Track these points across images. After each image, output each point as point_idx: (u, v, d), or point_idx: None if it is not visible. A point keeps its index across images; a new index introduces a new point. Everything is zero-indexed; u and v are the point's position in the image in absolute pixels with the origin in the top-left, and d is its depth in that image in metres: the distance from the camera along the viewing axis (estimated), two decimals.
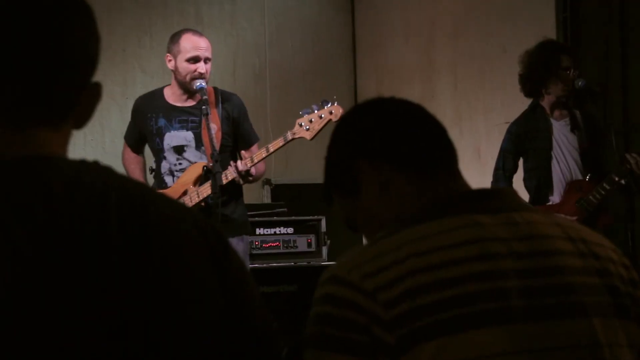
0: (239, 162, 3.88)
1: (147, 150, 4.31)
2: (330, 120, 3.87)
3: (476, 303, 1.18)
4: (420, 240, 1.22)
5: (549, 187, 4.25)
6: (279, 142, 3.92)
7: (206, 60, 4.01)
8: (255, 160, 3.89)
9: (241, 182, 3.90)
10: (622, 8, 5.05)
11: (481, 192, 1.35)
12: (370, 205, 1.36)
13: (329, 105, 3.91)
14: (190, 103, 4.05)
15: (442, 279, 1.18)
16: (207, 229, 1.07)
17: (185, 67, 3.99)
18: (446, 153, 1.38)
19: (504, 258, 1.22)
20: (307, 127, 3.90)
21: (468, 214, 1.27)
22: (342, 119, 1.45)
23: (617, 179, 4.02)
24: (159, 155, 4.08)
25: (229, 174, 3.88)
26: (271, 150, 3.91)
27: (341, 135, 1.42)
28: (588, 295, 1.25)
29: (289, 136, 3.92)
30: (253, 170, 3.91)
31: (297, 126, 3.93)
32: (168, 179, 4.05)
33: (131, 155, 4.26)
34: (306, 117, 3.92)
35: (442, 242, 1.22)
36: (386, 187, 1.34)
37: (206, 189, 3.86)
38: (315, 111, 3.91)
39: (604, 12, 5.09)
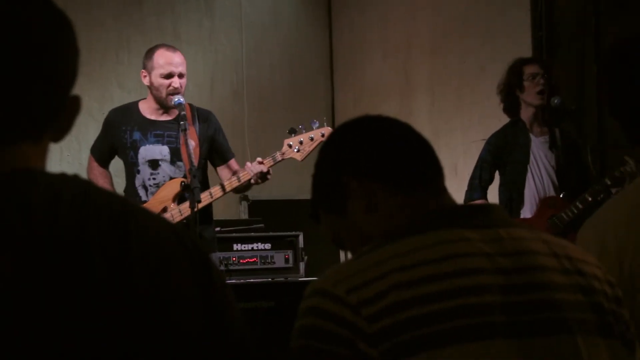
0: (255, 164, 3.88)
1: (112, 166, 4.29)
2: (321, 142, 3.86)
3: (459, 318, 1.18)
4: (405, 254, 1.23)
5: (520, 201, 4.28)
6: (269, 162, 3.92)
7: (180, 75, 4.01)
8: (270, 164, 3.92)
9: (259, 182, 3.91)
10: (598, 27, 5.11)
11: (467, 207, 1.36)
12: (357, 221, 1.36)
13: (318, 125, 3.91)
14: (167, 117, 4.05)
15: (426, 294, 1.18)
16: (188, 243, 1.06)
17: (159, 83, 4.00)
18: (432, 170, 1.39)
19: (488, 273, 1.23)
20: (297, 148, 3.91)
21: (453, 229, 1.28)
22: (330, 136, 1.47)
23: (590, 199, 4.06)
24: (132, 169, 4.06)
25: (229, 186, 3.89)
26: (266, 166, 3.92)
27: (328, 153, 1.43)
28: (572, 312, 1.25)
29: (278, 157, 3.94)
30: (271, 170, 3.92)
31: (285, 147, 3.95)
32: (142, 192, 4.04)
33: (99, 170, 4.21)
34: (295, 138, 3.93)
35: (426, 256, 1.22)
36: (372, 204, 1.35)
37: (188, 208, 3.85)
38: (304, 132, 3.92)
39: (579, 31, 5.16)
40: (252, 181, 3.91)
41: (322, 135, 3.88)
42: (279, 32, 6.90)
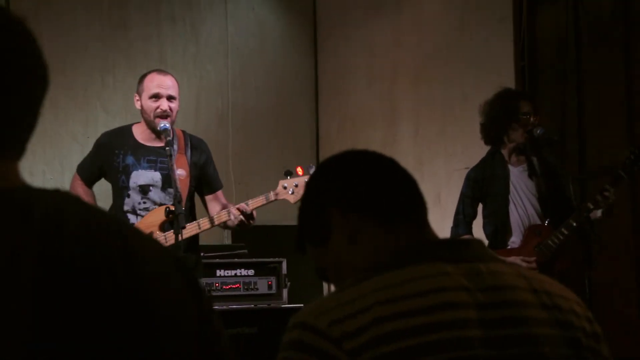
0: (239, 206, 3.91)
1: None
2: None
3: (440, 352, 1.19)
4: (386, 288, 1.24)
5: (506, 232, 4.29)
6: (261, 200, 3.95)
7: (170, 98, 4.02)
8: (251, 207, 3.93)
9: (234, 225, 3.94)
10: (578, 57, 5.17)
11: (448, 241, 1.37)
12: (340, 254, 1.38)
13: (314, 170, 3.93)
14: (159, 143, 4.05)
15: (406, 328, 1.19)
16: (182, 265, 1.07)
17: (148, 105, 4.01)
18: (415, 204, 1.41)
19: (468, 308, 1.24)
20: (292, 190, 3.94)
21: (434, 263, 1.29)
22: (315, 170, 1.49)
23: (575, 224, 4.09)
24: (123, 193, 4.05)
25: (218, 219, 3.91)
26: (251, 207, 3.93)
27: (314, 186, 1.46)
28: (549, 346, 1.27)
29: (272, 197, 3.97)
30: (255, 213, 3.94)
31: (280, 187, 3.97)
32: (131, 217, 4.03)
33: (84, 188, 4.20)
34: (290, 180, 3.96)
35: (407, 290, 1.24)
36: (355, 237, 1.36)
37: (172, 237, 3.86)
38: (300, 175, 3.95)
39: (561, 61, 5.22)
40: (234, 223, 3.95)
41: None
42: (264, 57, 6.93)
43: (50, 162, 6.06)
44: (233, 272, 5.12)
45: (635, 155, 4.08)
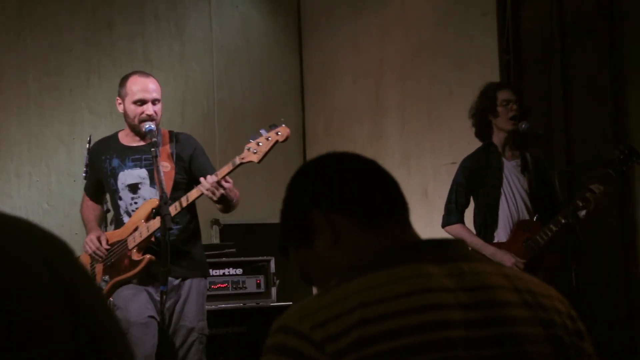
0: (207, 177, 3.76)
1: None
2: (277, 141, 3.74)
3: (423, 353, 1.20)
4: (369, 290, 1.24)
5: (494, 225, 4.31)
6: (228, 167, 3.78)
7: (154, 101, 3.97)
8: (220, 176, 3.76)
9: (214, 198, 3.75)
10: (563, 50, 5.19)
11: (430, 242, 1.37)
12: (323, 255, 1.38)
13: (277, 127, 3.83)
14: (144, 143, 4.02)
15: (390, 330, 1.20)
16: (54, 259, 1.02)
17: (132, 110, 3.96)
18: (397, 205, 1.41)
19: (451, 309, 1.25)
20: (255, 150, 3.75)
21: (416, 264, 1.29)
22: (297, 173, 1.48)
23: (563, 220, 4.10)
24: (115, 196, 4.05)
25: (190, 196, 3.82)
26: (220, 176, 3.77)
27: (296, 187, 1.45)
28: (533, 345, 1.28)
29: (237, 161, 3.77)
30: (228, 184, 3.76)
31: (245, 151, 3.77)
32: (126, 219, 4.02)
33: (88, 204, 4.23)
34: (253, 141, 3.79)
35: (390, 292, 1.24)
36: (338, 238, 1.36)
37: (155, 223, 3.81)
38: (263, 134, 3.82)
39: (545, 54, 5.23)
40: (210, 195, 3.75)
41: (278, 134, 3.75)
42: (249, 55, 6.92)
43: (37, 164, 6.03)
44: (221, 272, 5.12)
45: (625, 154, 4.12)
